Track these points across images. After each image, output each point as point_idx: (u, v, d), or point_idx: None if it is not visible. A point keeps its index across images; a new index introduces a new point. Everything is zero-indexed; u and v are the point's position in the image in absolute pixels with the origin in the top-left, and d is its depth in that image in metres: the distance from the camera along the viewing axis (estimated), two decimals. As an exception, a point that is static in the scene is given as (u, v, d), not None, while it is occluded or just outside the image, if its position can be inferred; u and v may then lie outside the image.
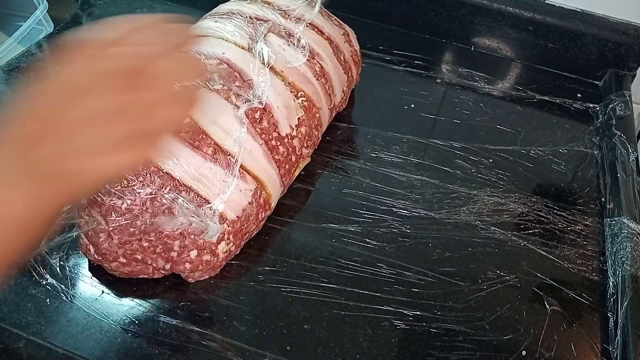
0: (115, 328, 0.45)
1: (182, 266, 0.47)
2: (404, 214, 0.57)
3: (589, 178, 0.64)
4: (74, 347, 0.44)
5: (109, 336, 0.45)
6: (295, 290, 0.49)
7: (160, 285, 0.48)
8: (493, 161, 0.64)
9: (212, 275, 0.49)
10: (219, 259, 0.49)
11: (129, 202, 0.45)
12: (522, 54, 0.81)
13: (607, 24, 0.75)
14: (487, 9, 0.78)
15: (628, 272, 0.51)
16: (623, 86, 0.74)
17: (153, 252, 0.46)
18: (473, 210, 0.58)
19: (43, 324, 0.45)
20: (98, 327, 0.45)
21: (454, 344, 0.47)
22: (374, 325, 0.47)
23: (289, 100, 0.54)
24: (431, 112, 0.70)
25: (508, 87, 0.77)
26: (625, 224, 0.55)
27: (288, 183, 0.56)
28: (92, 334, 0.45)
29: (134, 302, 0.47)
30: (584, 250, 0.56)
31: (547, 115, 0.72)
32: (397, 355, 0.46)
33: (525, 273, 0.53)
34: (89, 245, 0.47)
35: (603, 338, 0.49)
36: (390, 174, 0.61)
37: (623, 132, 0.66)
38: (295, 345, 0.46)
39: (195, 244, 0.47)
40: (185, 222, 0.46)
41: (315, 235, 0.54)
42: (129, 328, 0.45)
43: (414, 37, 0.83)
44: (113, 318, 0.46)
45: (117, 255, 0.46)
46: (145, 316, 0.46)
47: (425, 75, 0.77)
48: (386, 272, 0.51)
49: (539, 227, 0.57)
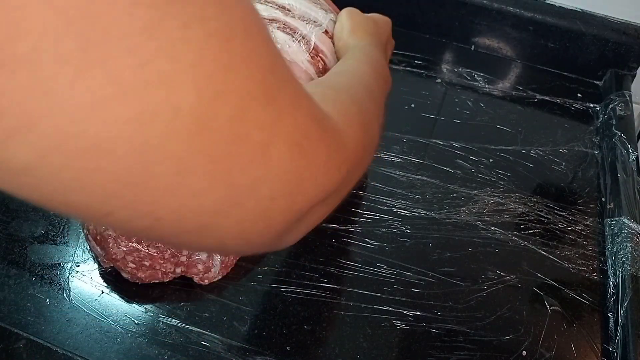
0: (115, 328, 0.45)
1: (194, 269, 0.47)
2: (404, 214, 0.57)
3: (589, 178, 0.64)
4: (73, 347, 0.44)
5: (108, 336, 0.45)
6: (295, 291, 0.49)
7: (160, 285, 0.48)
8: (493, 161, 0.64)
9: (224, 274, 0.49)
10: (229, 257, 0.49)
11: None
12: (522, 54, 0.81)
13: (607, 24, 0.75)
14: (487, 9, 0.78)
15: (628, 272, 0.51)
16: (623, 86, 0.74)
17: (162, 257, 0.46)
18: (473, 210, 0.58)
19: (43, 324, 0.45)
20: (98, 327, 0.45)
21: (454, 344, 0.47)
22: (374, 326, 0.47)
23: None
24: (431, 112, 0.70)
25: (508, 87, 0.77)
26: (625, 224, 0.55)
27: None
28: (91, 334, 0.45)
29: (133, 302, 0.47)
30: (585, 250, 0.56)
31: (547, 115, 0.72)
32: (397, 355, 0.46)
33: (525, 273, 0.53)
34: (99, 250, 0.47)
35: (603, 338, 0.49)
36: (390, 173, 0.61)
37: (623, 132, 0.66)
38: (295, 345, 0.46)
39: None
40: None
41: (315, 235, 0.54)
42: (129, 328, 0.45)
43: (414, 36, 0.83)
44: (113, 318, 0.46)
45: (126, 261, 0.46)
46: (145, 316, 0.46)
47: (425, 75, 0.76)
48: (386, 272, 0.51)
49: (540, 227, 0.57)
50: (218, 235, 0.22)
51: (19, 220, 0.52)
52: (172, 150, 0.18)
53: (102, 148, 0.17)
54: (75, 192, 0.18)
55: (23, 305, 0.46)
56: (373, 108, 0.36)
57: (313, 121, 0.24)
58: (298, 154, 0.22)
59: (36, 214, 0.53)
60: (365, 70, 0.41)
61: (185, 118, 0.18)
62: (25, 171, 0.17)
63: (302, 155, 0.23)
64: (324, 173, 0.25)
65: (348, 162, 0.28)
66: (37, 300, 0.47)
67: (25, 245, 0.50)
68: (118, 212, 0.19)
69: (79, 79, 0.15)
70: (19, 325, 0.45)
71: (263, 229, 0.23)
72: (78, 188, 0.18)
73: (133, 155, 0.17)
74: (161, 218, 0.20)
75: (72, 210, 0.19)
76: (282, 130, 0.21)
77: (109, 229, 0.20)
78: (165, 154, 0.18)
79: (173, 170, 0.19)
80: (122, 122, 0.17)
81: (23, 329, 0.44)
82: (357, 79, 0.39)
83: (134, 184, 0.18)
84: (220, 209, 0.21)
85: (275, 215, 0.23)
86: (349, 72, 0.41)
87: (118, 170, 0.18)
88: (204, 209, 0.20)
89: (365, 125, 0.32)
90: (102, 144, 0.17)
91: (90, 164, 0.17)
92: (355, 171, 0.30)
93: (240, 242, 0.24)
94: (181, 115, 0.18)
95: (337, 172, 0.26)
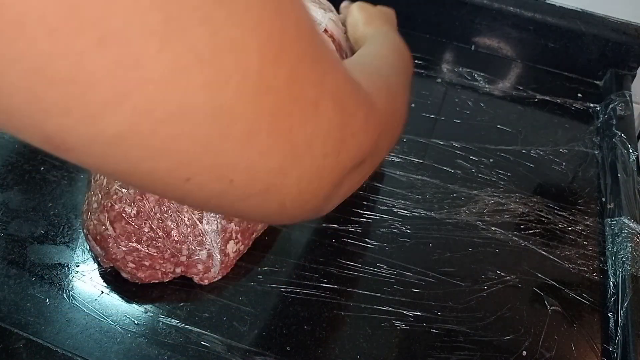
0: (114, 328, 0.45)
1: (194, 269, 0.47)
2: (404, 214, 0.57)
3: (590, 178, 0.64)
4: (73, 347, 0.44)
5: (108, 336, 0.45)
6: (295, 291, 0.49)
7: (160, 285, 0.48)
8: (493, 161, 0.64)
9: (224, 274, 0.49)
10: (229, 257, 0.49)
11: (136, 208, 0.45)
12: (522, 54, 0.81)
13: (607, 24, 0.75)
14: (487, 9, 0.78)
15: (628, 272, 0.51)
16: (623, 86, 0.74)
17: (162, 257, 0.46)
18: (473, 211, 0.58)
19: (43, 324, 0.45)
20: (98, 328, 0.45)
21: (455, 344, 0.47)
22: (374, 326, 0.47)
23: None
24: (431, 112, 0.70)
25: (508, 87, 0.77)
26: (625, 224, 0.54)
27: None
28: (91, 334, 0.45)
29: (133, 302, 0.47)
30: (585, 250, 0.56)
31: (547, 115, 0.72)
32: (397, 355, 0.46)
33: (525, 273, 0.53)
34: (99, 250, 0.47)
35: (603, 338, 0.49)
36: (391, 173, 0.61)
37: (623, 132, 0.66)
38: (295, 345, 0.46)
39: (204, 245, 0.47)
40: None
41: (315, 235, 0.54)
42: (129, 328, 0.45)
43: (414, 36, 0.83)
44: (113, 318, 0.46)
45: (126, 261, 0.46)
46: (144, 316, 0.46)
47: (425, 74, 0.76)
48: (386, 273, 0.51)
49: (540, 227, 0.57)
50: (280, 197, 0.24)
51: (19, 220, 0.52)
52: (243, 112, 0.19)
53: (185, 114, 0.18)
54: (160, 159, 0.19)
55: (23, 305, 0.46)
56: (399, 83, 0.39)
57: (350, 83, 0.26)
58: (342, 112, 0.24)
59: (36, 214, 0.53)
60: (388, 52, 0.43)
61: (253, 80, 0.19)
62: (116, 141, 0.18)
63: (346, 112, 0.25)
64: (363, 131, 0.27)
65: (380, 125, 0.30)
66: (37, 300, 0.46)
67: (25, 245, 0.50)
68: (196, 177, 0.21)
69: (162, 50, 0.16)
70: (18, 325, 0.45)
71: (316, 188, 0.25)
72: (163, 154, 0.19)
73: (211, 118, 0.19)
74: (234, 180, 0.22)
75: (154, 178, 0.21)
76: (328, 89, 0.23)
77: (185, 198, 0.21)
78: (237, 115, 0.19)
79: (244, 131, 0.20)
80: (200, 88, 0.18)
81: (23, 329, 0.44)
82: (380, 58, 0.41)
83: (212, 146, 0.20)
84: (284, 168, 0.23)
85: (326, 174, 0.25)
86: (372, 54, 0.43)
87: (198, 135, 0.19)
88: (270, 168, 0.22)
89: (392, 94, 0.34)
90: (184, 110, 0.18)
91: (174, 129, 0.18)
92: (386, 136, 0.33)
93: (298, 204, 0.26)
94: (249, 78, 0.19)
95: (373, 133, 0.29)
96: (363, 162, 0.29)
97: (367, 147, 0.28)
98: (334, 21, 0.58)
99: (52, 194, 0.55)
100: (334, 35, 0.58)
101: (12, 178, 0.56)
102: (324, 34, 0.54)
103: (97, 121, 0.17)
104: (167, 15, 0.16)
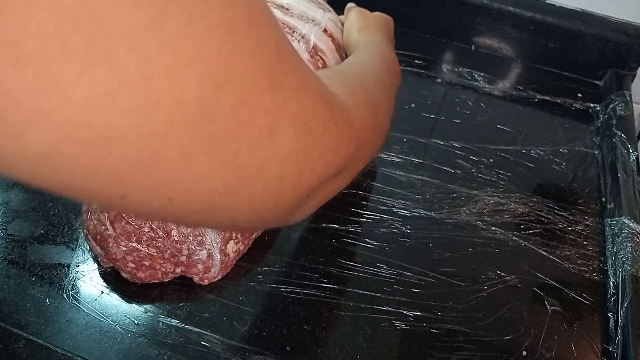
0: (114, 328, 0.45)
1: (194, 268, 0.47)
2: (404, 214, 0.57)
3: (590, 178, 0.64)
4: (73, 347, 0.44)
5: (108, 336, 0.45)
6: (295, 291, 0.49)
7: (159, 285, 0.48)
8: (494, 161, 0.64)
9: (224, 274, 0.49)
10: (229, 257, 0.49)
11: None
12: (522, 54, 0.81)
13: (607, 24, 0.75)
14: (487, 9, 0.78)
15: (628, 272, 0.51)
16: (623, 86, 0.74)
17: (162, 257, 0.46)
18: (474, 211, 0.58)
19: (43, 324, 0.45)
20: (97, 328, 0.45)
21: (455, 344, 0.47)
22: (374, 326, 0.47)
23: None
24: (431, 112, 0.70)
25: (508, 87, 0.77)
26: (625, 224, 0.54)
27: None
28: (91, 334, 0.45)
29: (133, 302, 0.47)
30: (585, 250, 0.56)
31: (547, 115, 0.72)
32: (397, 355, 0.46)
33: (525, 273, 0.53)
34: (99, 250, 0.47)
35: (603, 338, 0.49)
36: (391, 174, 0.61)
37: (623, 132, 0.66)
38: (295, 345, 0.46)
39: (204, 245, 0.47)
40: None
41: (315, 235, 0.54)
42: (129, 328, 0.45)
43: (414, 36, 0.83)
44: (112, 318, 0.46)
45: (126, 261, 0.46)
46: (144, 316, 0.46)
47: (425, 74, 0.76)
48: (386, 273, 0.51)
49: (540, 227, 0.57)
50: (230, 213, 0.24)
51: (19, 220, 0.52)
52: (178, 137, 0.19)
53: (111, 136, 0.18)
54: (90, 178, 0.19)
55: (23, 305, 0.46)
56: (382, 94, 0.38)
57: (321, 101, 0.25)
58: (305, 135, 0.24)
59: (36, 214, 0.53)
60: (376, 62, 0.43)
61: (189, 107, 0.19)
62: (41, 159, 0.18)
63: (310, 135, 0.24)
64: (333, 151, 0.26)
65: (357, 140, 0.29)
66: (37, 300, 0.46)
67: (25, 245, 0.50)
68: (132, 195, 0.20)
69: (85, 74, 0.16)
70: (18, 325, 0.45)
71: (273, 206, 0.25)
72: (92, 174, 0.19)
73: (141, 142, 0.18)
74: (173, 199, 0.21)
75: (89, 195, 0.21)
76: (288, 114, 0.22)
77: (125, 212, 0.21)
78: (171, 140, 0.19)
79: (180, 155, 0.20)
80: (127, 112, 0.18)
81: (23, 329, 0.44)
82: (367, 68, 0.41)
83: (145, 168, 0.19)
84: (230, 190, 0.22)
85: (284, 193, 0.24)
86: (359, 62, 0.43)
87: (128, 156, 0.19)
88: (214, 189, 0.22)
89: (374, 106, 0.34)
90: (111, 133, 0.18)
91: (101, 151, 0.18)
92: (364, 150, 0.32)
93: (252, 218, 0.25)
94: (185, 104, 0.19)
95: (345, 150, 0.28)
96: (337, 174, 0.29)
97: (337, 164, 0.28)
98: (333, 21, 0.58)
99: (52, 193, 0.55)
100: (333, 35, 0.58)
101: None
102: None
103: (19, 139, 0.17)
104: (90, 42, 0.16)
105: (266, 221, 0.26)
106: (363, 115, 0.31)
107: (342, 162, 0.28)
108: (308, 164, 0.25)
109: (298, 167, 0.24)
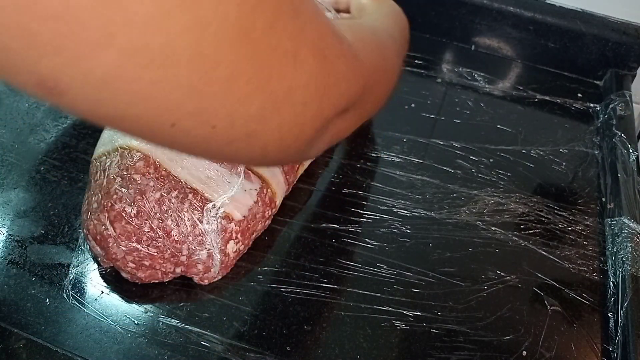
0: (114, 328, 0.45)
1: (194, 268, 0.47)
2: (404, 214, 0.57)
3: (590, 178, 0.64)
4: (73, 347, 0.44)
5: (108, 336, 0.45)
6: (295, 291, 0.49)
7: (159, 285, 0.48)
8: (494, 161, 0.64)
9: (224, 274, 0.49)
10: (229, 257, 0.49)
11: (137, 208, 0.45)
12: (522, 54, 0.81)
13: (607, 24, 0.75)
14: (487, 9, 0.78)
15: (628, 272, 0.51)
16: (623, 86, 0.74)
17: (162, 257, 0.46)
18: (474, 211, 0.58)
19: (43, 324, 0.45)
20: (97, 328, 0.45)
21: (455, 344, 0.47)
22: (374, 326, 0.47)
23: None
24: (431, 112, 0.70)
25: (508, 87, 0.77)
26: (625, 224, 0.54)
27: (292, 181, 0.56)
28: (91, 334, 0.45)
29: (133, 302, 0.47)
30: (585, 250, 0.56)
31: (547, 115, 0.72)
32: (397, 355, 0.46)
33: (525, 273, 0.53)
34: (99, 250, 0.47)
35: (603, 338, 0.49)
36: (391, 174, 0.61)
37: (623, 132, 0.66)
38: (295, 345, 0.46)
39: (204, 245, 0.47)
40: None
41: (315, 235, 0.54)
42: (129, 328, 0.45)
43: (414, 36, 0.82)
44: (112, 318, 0.46)
45: (126, 261, 0.46)
46: (144, 316, 0.46)
47: (425, 74, 0.76)
48: (386, 273, 0.51)
49: (540, 227, 0.57)
50: (262, 142, 0.26)
51: (19, 220, 0.52)
52: (222, 58, 0.21)
53: (167, 58, 0.19)
54: (145, 104, 0.21)
55: (23, 305, 0.46)
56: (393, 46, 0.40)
57: (333, 34, 0.27)
58: (322, 62, 0.26)
59: (36, 214, 0.53)
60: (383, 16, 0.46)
61: (231, 27, 0.20)
62: (103, 84, 0.19)
63: (325, 62, 0.26)
64: (345, 81, 0.28)
65: (365, 77, 0.31)
66: (37, 300, 0.46)
67: (25, 245, 0.50)
68: (181, 123, 0.22)
69: None
70: (18, 325, 0.45)
71: (298, 134, 0.27)
72: (147, 100, 0.20)
73: (192, 64, 0.20)
74: (216, 126, 0.23)
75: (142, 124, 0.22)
76: (307, 39, 0.24)
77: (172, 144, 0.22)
78: (217, 61, 0.21)
79: (224, 77, 0.21)
80: (181, 32, 0.19)
81: (23, 329, 0.44)
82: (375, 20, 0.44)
83: (193, 92, 0.21)
84: (263, 116, 0.24)
85: (307, 121, 0.27)
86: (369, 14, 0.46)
87: (180, 80, 0.20)
88: (250, 115, 0.24)
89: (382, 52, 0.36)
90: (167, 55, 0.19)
91: (157, 75, 0.20)
92: (372, 92, 0.34)
93: (280, 148, 0.27)
94: (227, 24, 0.20)
95: (356, 82, 0.30)
96: (347, 110, 0.31)
97: (350, 95, 0.29)
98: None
99: (52, 194, 0.55)
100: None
101: (12, 178, 0.56)
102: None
103: (86, 61, 0.18)
104: None
105: (290, 153, 0.29)
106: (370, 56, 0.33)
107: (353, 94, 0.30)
108: (326, 91, 0.27)
109: (318, 93, 0.26)
